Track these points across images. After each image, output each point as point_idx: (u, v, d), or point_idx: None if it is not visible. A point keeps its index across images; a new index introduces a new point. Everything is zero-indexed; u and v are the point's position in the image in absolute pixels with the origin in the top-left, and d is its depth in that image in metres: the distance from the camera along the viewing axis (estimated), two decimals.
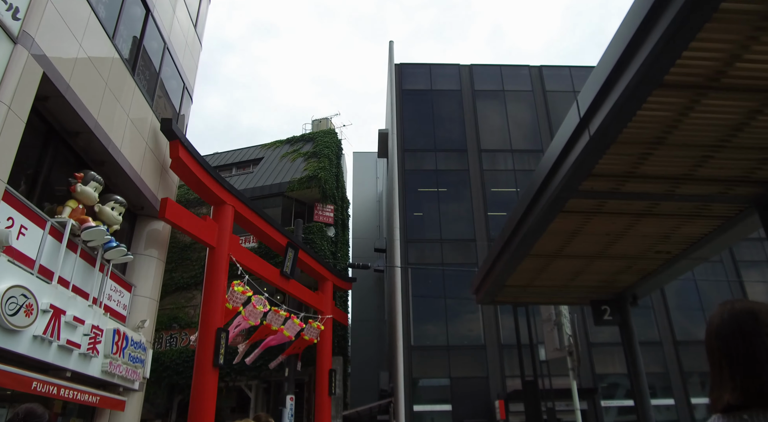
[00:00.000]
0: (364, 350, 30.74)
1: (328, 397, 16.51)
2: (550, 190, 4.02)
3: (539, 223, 4.44)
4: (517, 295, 6.42)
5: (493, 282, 5.90)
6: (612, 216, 4.42)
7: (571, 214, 4.40)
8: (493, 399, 17.59)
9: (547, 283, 6.03)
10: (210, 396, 10.78)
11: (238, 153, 26.58)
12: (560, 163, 3.73)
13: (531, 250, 5.05)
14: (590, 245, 5.01)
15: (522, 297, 6.51)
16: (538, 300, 6.63)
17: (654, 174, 3.78)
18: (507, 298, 6.55)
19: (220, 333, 11.17)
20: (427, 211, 21.20)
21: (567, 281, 5.95)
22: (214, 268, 11.85)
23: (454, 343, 18.81)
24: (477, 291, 6.44)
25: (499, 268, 5.51)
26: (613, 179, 3.85)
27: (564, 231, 4.70)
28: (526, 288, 6.18)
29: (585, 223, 4.55)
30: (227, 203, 12.57)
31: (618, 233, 4.72)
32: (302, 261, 16.37)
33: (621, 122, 3.19)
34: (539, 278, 5.87)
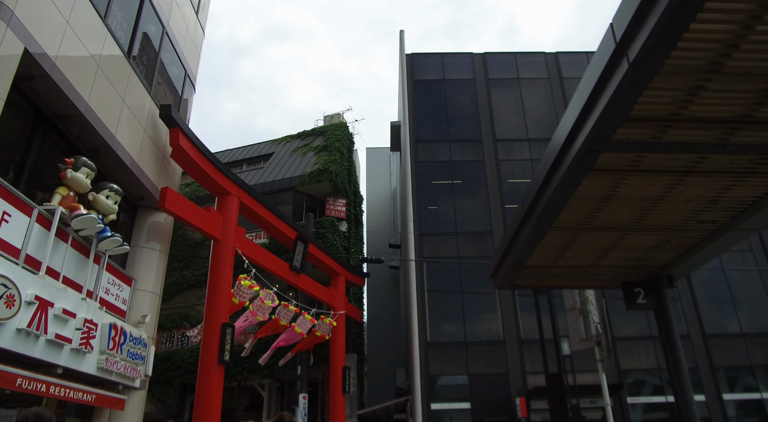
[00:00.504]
0: (380, 348, 30.19)
1: (342, 395, 15.97)
2: (578, 142, 3.40)
3: (565, 186, 3.82)
4: (538, 278, 5.79)
5: (512, 264, 5.28)
6: (651, 175, 3.78)
7: (602, 174, 3.77)
8: (514, 397, 16.90)
9: (573, 263, 5.40)
10: (216, 394, 10.29)
11: (249, 149, 26.20)
12: (592, 105, 3.11)
13: (555, 222, 4.43)
14: (623, 214, 4.37)
15: (544, 281, 5.87)
16: (561, 283, 5.99)
17: (705, 116, 3.14)
18: (527, 281, 5.92)
19: (226, 329, 10.68)
20: (442, 203, 20.56)
21: (595, 260, 5.31)
22: (218, 261, 11.37)
23: (471, 339, 18.15)
24: (494, 275, 5.83)
25: (519, 246, 4.89)
26: (655, 124, 3.22)
27: (594, 196, 4.07)
28: (549, 270, 5.55)
29: (618, 185, 3.92)
30: (231, 194, 12.08)
31: (656, 197, 4.07)
32: (313, 255, 15.85)
33: (670, 41, 2.56)
34: (563, 257, 5.24)
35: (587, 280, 5.87)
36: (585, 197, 4.07)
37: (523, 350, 17.76)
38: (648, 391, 17.97)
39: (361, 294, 24.87)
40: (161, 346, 19.94)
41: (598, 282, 5.89)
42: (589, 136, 3.26)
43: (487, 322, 18.60)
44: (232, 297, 11.81)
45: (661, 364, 17.92)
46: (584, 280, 5.87)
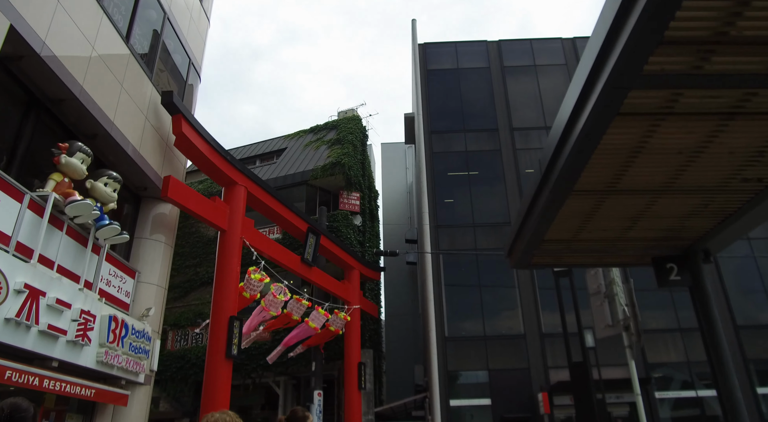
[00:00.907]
0: (399, 345, 29.74)
1: (358, 392, 15.54)
2: (602, 78, 2.90)
3: (588, 137, 3.32)
4: (558, 254, 5.26)
5: (529, 237, 4.77)
6: (688, 120, 3.25)
7: (631, 120, 3.26)
8: (536, 392, 16.30)
9: (597, 235, 4.87)
10: (223, 390, 9.92)
11: (262, 145, 25.95)
12: (619, 25, 2.61)
13: (576, 184, 3.92)
14: (655, 172, 3.84)
15: (564, 257, 5.35)
16: (584, 260, 5.46)
17: (756, 35, 2.61)
18: (546, 259, 5.40)
19: (233, 322, 10.32)
20: (458, 195, 20.03)
21: (622, 231, 4.78)
22: (225, 253, 11.02)
23: (491, 333, 17.58)
24: (511, 252, 5.31)
25: (537, 216, 4.39)
26: (694, 49, 2.71)
27: (621, 148, 3.56)
28: (571, 244, 5.03)
29: (650, 134, 3.40)
30: (238, 184, 11.73)
31: (694, 149, 3.55)
32: (326, 248, 15.46)
33: None
34: (587, 228, 4.72)
35: (613, 256, 5.32)
36: (611, 150, 3.56)
37: (545, 344, 17.15)
38: (677, 386, 17.22)
39: (378, 291, 24.44)
40: (176, 344, 19.74)
41: (625, 258, 5.35)
42: (616, 67, 2.76)
43: (506, 316, 18.02)
44: (242, 291, 11.49)
45: (690, 358, 17.17)
46: (609, 256, 5.32)
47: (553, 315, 17.47)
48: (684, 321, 17.44)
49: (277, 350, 14.82)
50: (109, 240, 8.38)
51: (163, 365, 19.24)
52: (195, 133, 10.52)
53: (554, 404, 15.86)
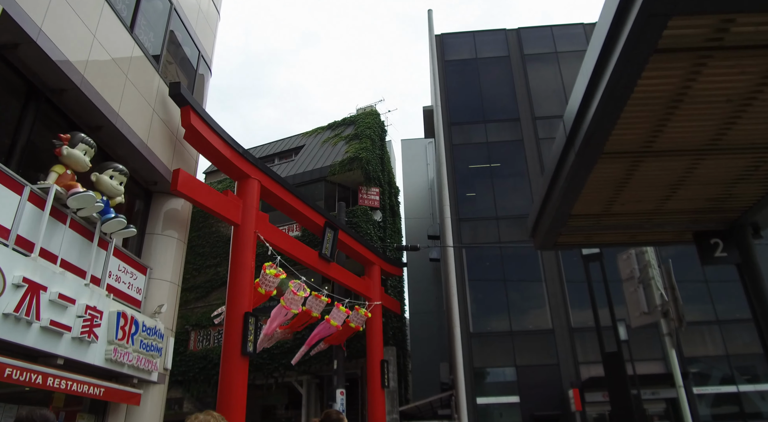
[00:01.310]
0: (424, 343, 29.26)
1: (381, 390, 15.12)
2: (637, 1, 2.42)
3: (621, 83, 2.84)
4: (587, 232, 4.77)
5: (554, 212, 4.30)
6: (741, 55, 2.75)
7: (672, 59, 2.77)
8: (566, 389, 15.66)
9: (630, 208, 4.36)
10: (239, 389, 9.60)
11: (280, 143, 25.76)
12: None
13: (606, 144, 3.43)
14: (698, 127, 3.34)
15: (594, 235, 4.85)
16: (616, 238, 4.94)
17: None
18: (574, 238, 4.91)
19: (249, 318, 10.00)
20: (480, 187, 19.48)
21: (659, 202, 4.26)
22: (239, 248, 10.71)
23: (518, 328, 17.00)
24: (534, 231, 4.84)
25: (562, 186, 3.91)
26: None
27: (658, 97, 3.06)
28: (601, 220, 4.53)
29: (693, 77, 2.90)
30: (251, 177, 11.42)
31: (747, 95, 3.04)
32: (345, 244, 15.09)
33: None
34: (618, 199, 4.22)
35: (649, 233, 4.80)
36: (646, 100, 3.07)
37: (575, 339, 16.49)
38: (715, 381, 16.39)
39: (401, 288, 24.01)
40: (198, 344, 19.61)
41: (662, 235, 4.82)
42: None
43: (533, 310, 17.42)
44: (257, 287, 11.19)
45: (729, 351, 16.33)
46: (645, 233, 4.80)
47: (583, 309, 16.83)
48: (722, 313, 16.61)
49: (301, 351, 14.52)
50: (116, 234, 8.12)
51: (186, 366, 19.14)
52: (204, 124, 10.24)
53: (586, 401, 15.21)
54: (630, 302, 6.72)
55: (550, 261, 17.69)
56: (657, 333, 16.42)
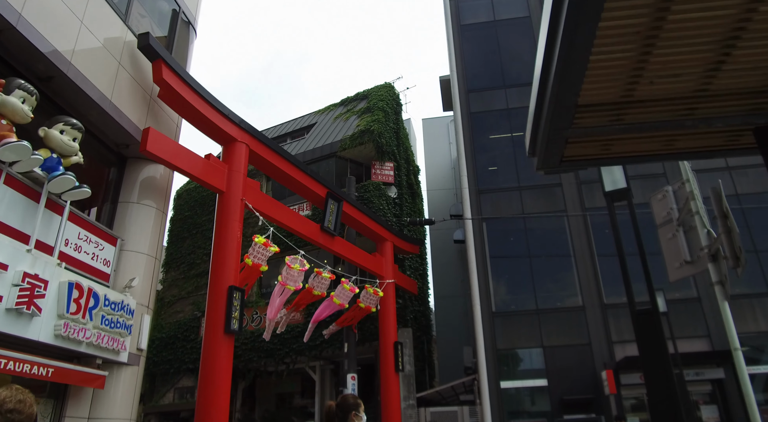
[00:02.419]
0: (449, 328, 28.06)
1: (395, 374, 14.00)
2: None
3: None
4: (604, 138, 3.51)
5: (555, 103, 3.06)
6: None
7: None
8: (599, 370, 14.26)
9: (662, 89, 3.09)
10: (223, 369, 8.61)
11: (292, 123, 24.77)
12: None
13: None
14: None
15: (614, 143, 3.59)
16: (644, 146, 3.66)
17: None
18: (586, 149, 3.66)
19: (233, 292, 8.99)
20: (501, 156, 18.09)
21: (704, 76, 2.97)
22: (224, 217, 9.71)
23: (545, 306, 15.63)
24: (533, 142, 3.61)
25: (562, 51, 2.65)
26: None
27: None
28: (622, 112, 3.28)
29: None
30: (238, 140, 10.39)
31: None
32: (353, 218, 13.98)
33: None
34: (645, 74, 2.95)
35: (690, 136, 3.50)
36: None
37: (608, 316, 15.04)
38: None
39: (424, 271, 22.84)
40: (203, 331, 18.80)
41: (709, 138, 3.52)
42: None
43: (562, 287, 16.01)
44: (245, 258, 10.17)
45: None
46: (684, 136, 3.50)
47: (617, 284, 15.35)
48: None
49: (310, 328, 13.50)
50: (68, 195, 7.17)
51: (197, 353, 18.40)
52: (180, 81, 9.22)
53: (621, 383, 13.79)
54: (667, 252, 5.40)
55: (579, 233, 16.23)
56: (699, 306, 14.85)
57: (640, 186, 14.58)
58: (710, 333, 14.44)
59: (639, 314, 5.08)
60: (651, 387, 5.72)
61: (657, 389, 5.64)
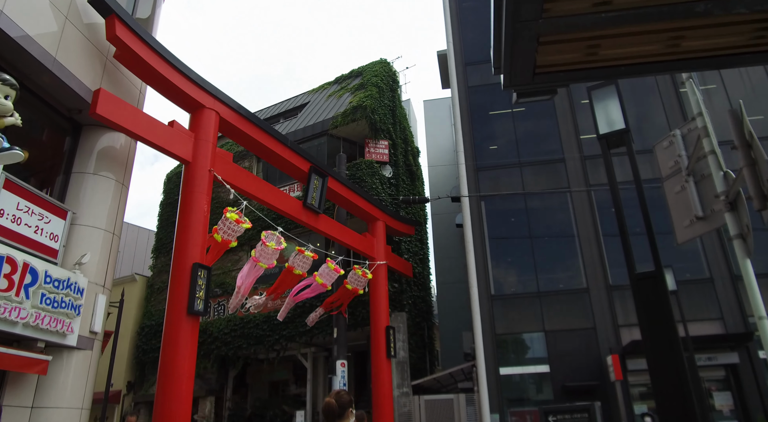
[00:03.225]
0: (453, 315, 27.24)
1: (387, 360, 13.24)
2: None
3: None
4: (589, 36, 2.64)
5: None
6: None
7: None
8: (604, 355, 13.42)
9: None
10: (186, 354, 7.86)
11: (286, 103, 23.95)
12: None
13: None
14: None
15: (603, 43, 2.72)
16: (641, 47, 2.78)
17: None
18: (566, 54, 2.79)
19: (198, 270, 8.22)
20: (500, 131, 17.15)
21: None
22: (189, 189, 8.92)
23: (546, 288, 14.77)
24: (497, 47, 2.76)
25: None
26: None
27: None
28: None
29: None
30: (206, 107, 9.56)
31: None
32: (341, 196, 13.16)
33: None
34: None
35: (701, 30, 2.62)
36: None
37: (613, 298, 14.15)
38: None
39: (424, 255, 22.08)
40: None
41: (726, 34, 2.63)
42: None
43: (564, 268, 15.12)
44: (213, 233, 9.38)
45: None
46: (694, 30, 2.63)
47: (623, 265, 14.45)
48: None
49: (286, 304, 12.69)
50: None
51: None
52: (137, 39, 8.40)
53: (627, 369, 12.95)
54: (675, 209, 4.53)
55: (583, 211, 15.30)
56: (711, 287, 13.92)
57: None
58: (723, 315, 13.52)
59: (640, 279, 4.22)
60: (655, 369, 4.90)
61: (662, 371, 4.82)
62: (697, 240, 14.21)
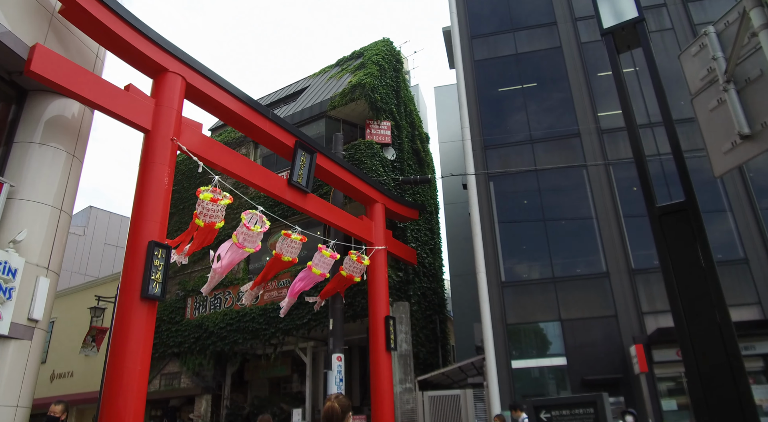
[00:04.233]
0: (467, 308, 26.05)
1: (387, 353, 12.16)
2: None
3: None
4: None
5: None
6: None
7: None
8: (627, 345, 12.17)
9: None
10: (140, 344, 6.89)
11: (287, 88, 23.00)
12: None
13: None
14: None
15: None
16: None
17: None
18: None
19: (154, 249, 7.24)
20: (509, 106, 15.94)
21: None
22: (148, 160, 7.96)
23: (562, 274, 13.54)
24: None
25: None
26: None
27: None
28: None
29: None
30: (170, 71, 8.58)
31: None
32: (333, 175, 12.11)
33: None
34: None
35: None
36: None
37: (636, 282, 12.86)
38: None
39: (435, 245, 20.99)
40: (194, 312, 17.32)
41: None
42: None
43: (582, 251, 13.86)
44: (194, 218, 8.54)
45: None
46: None
47: (646, 247, 13.16)
48: None
49: (287, 301, 11.76)
50: None
51: (182, 336, 16.96)
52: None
53: (653, 360, 11.67)
54: (710, 131, 3.38)
55: (601, 190, 14.01)
56: (747, 269, 12.52)
57: None
58: (761, 299, 12.14)
59: (665, 214, 3.08)
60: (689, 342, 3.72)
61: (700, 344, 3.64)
62: (729, 216, 12.86)
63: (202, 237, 8.84)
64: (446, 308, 22.68)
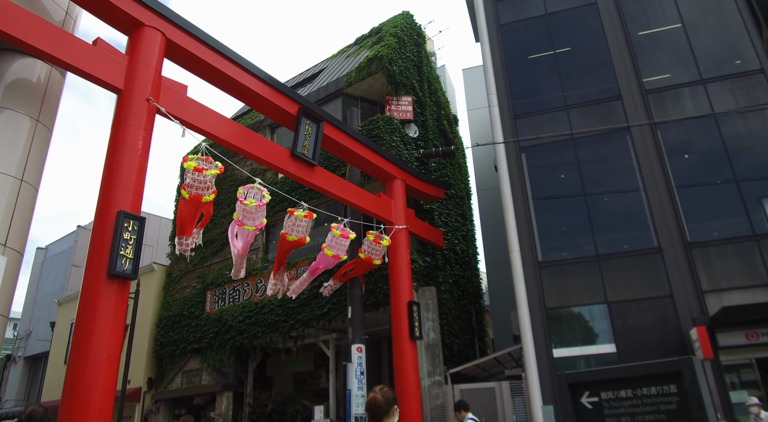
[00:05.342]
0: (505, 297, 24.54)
1: (411, 342, 10.99)
2: None
3: None
4: None
5: None
6: None
7: None
8: (686, 328, 10.65)
9: None
10: (106, 329, 5.92)
11: (306, 72, 22.12)
12: None
13: None
14: None
15: None
16: None
17: None
18: None
19: (123, 220, 6.28)
20: (540, 71, 14.51)
21: None
22: (120, 122, 7.02)
23: (607, 251, 12.06)
24: None
25: None
26: None
27: None
28: None
29: None
30: (146, 25, 7.62)
31: None
32: (345, 147, 11.03)
33: None
34: None
35: None
36: None
37: (694, 257, 11.29)
38: None
39: (468, 232, 19.71)
40: (214, 305, 16.53)
41: None
42: None
43: (628, 226, 12.34)
44: (182, 190, 7.64)
45: None
46: None
47: (704, 219, 11.58)
48: None
49: (303, 278, 10.78)
50: None
51: (202, 331, 16.20)
52: None
53: (718, 345, 10.12)
54: None
55: (648, 157, 12.46)
56: (755, 246, 10.83)
57: None
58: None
59: None
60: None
61: None
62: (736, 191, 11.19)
63: (192, 212, 7.87)
64: (482, 299, 21.32)
